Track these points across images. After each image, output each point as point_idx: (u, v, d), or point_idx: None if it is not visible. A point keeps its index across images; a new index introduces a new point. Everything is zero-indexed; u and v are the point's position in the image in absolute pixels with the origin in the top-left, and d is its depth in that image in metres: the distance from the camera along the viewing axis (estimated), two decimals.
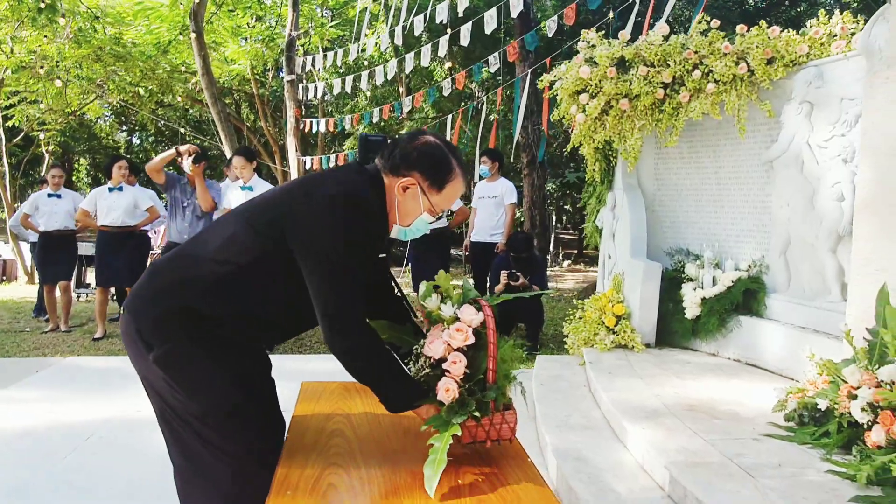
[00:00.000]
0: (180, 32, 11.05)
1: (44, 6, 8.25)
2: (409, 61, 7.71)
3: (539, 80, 5.02)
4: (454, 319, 1.50)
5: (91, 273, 8.33)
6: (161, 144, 19.43)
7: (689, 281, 4.28)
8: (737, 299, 4.02)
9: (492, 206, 5.76)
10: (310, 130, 9.72)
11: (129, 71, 11.46)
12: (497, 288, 5.16)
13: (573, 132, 4.81)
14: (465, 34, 6.75)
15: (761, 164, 4.08)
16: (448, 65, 11.94)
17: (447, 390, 1.40)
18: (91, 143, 19.11)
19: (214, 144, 14.15)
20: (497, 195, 5.73)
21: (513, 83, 8.60)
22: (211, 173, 15.26)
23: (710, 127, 4.40)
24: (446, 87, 7.77)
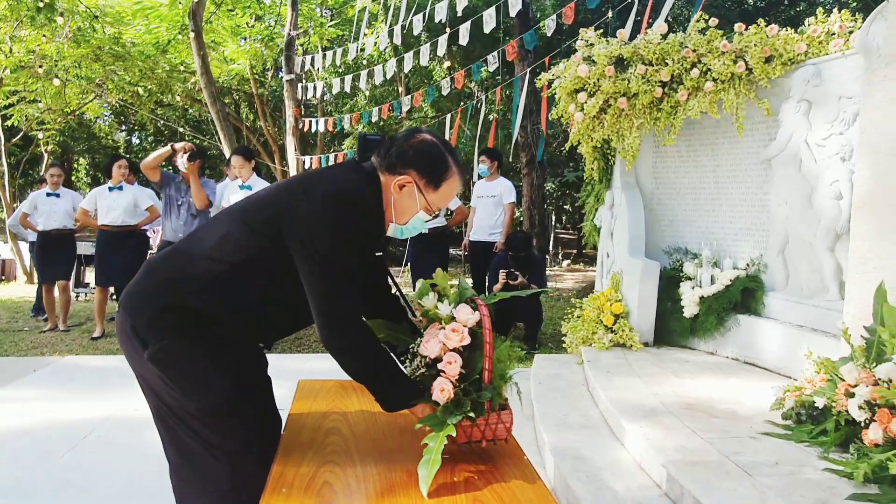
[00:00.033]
0: (179, 32, 11.05)
1: (42, 5, 8.24)
2: (408, 61, 7.70)
3: (538, 79, 5.01)
4: (451, 318, 1.49)
5: (90, 272, 8.33)
6: (160, 144, 19.34)
7: (688, 280, 4.28)
8: (735, 298, 4.02)
9: (491, 206, 5.76)
10: (309, 130, 9.71)
11: (129, 70, 11.45)
12: (496, 287, 5.16)
13: (572, 131, 4.81)
14: (463, 33, 6.74)
15: (759, 162, 4.08)
16: (447, 64, 11.93)
17: (442, 390, 1.40)
18: (90, 142, 19.13)
19: (214, 144, 14.14)
20: (496, 194, 5.73)
21: (512, 82, 8.60)
22: (211, 173, 15.32)
23: (708, 125, 4.40)
24: (445, 87, 7.76)
